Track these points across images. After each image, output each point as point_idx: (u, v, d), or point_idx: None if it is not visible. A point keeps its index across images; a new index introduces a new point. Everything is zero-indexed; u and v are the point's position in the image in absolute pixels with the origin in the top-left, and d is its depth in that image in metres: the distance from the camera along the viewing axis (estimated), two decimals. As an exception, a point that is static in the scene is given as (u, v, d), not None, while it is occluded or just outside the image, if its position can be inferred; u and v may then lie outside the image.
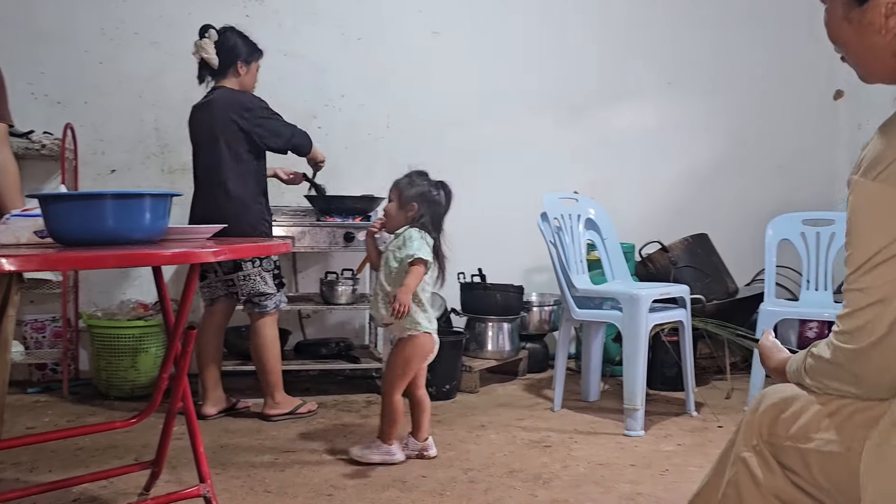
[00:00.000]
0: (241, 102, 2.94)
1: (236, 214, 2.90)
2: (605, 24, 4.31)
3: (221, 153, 2.92)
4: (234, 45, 2.98)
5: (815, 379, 1.09)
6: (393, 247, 2.55)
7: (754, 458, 1.12)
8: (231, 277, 2.96)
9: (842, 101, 4.74)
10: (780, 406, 1.12)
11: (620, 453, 2.61)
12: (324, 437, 2.78)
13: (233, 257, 1.59)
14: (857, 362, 1.02)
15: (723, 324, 3.62)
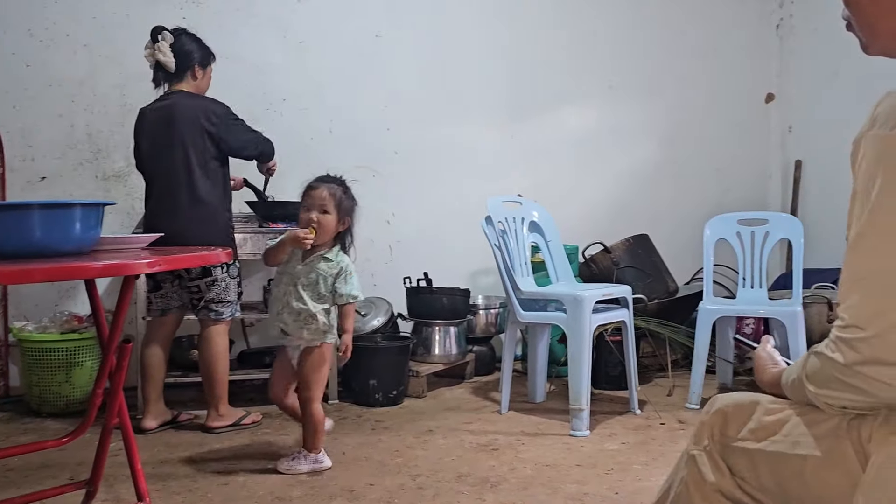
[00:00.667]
0: (209, 108, 2.89)
1: (208, 221, 2.87)
2: (547, 28, 4.36)
3: (189, 159, 2.85)
4: (191, 49, 2.93)
5: (820, 386, 1.00)
6: (325, 270, 2.48)
7: (704, 458, 1.14)
8: (198, 283, 2.90)
9: (773, 104, 4.90)
10: (733, 408, 1.14)
11: (567, 454, 2.64)
12: (269, 447, 2.73)
13: (167, 268, 1.54)
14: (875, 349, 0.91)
15: (664, 322, 3.71)
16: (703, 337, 3.28)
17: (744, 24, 4.83)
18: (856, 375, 0.92)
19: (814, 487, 1.01)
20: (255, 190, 3.38)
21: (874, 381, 0.91)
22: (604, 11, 4.49)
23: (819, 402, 1.01)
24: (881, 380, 0.91)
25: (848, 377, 0.93)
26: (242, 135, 2.95)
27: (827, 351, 0.97)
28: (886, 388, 0.91)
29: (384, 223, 4.08)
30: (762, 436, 1.08)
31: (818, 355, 0.99)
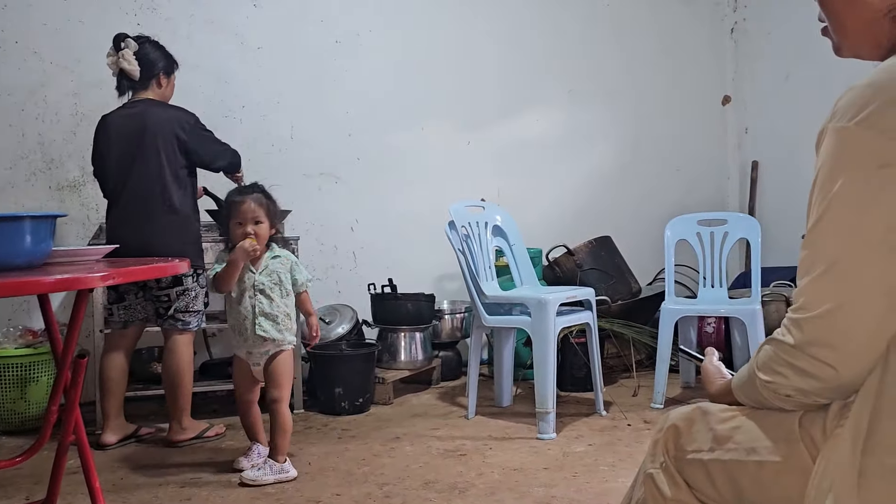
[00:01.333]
0: (181, 118, 2.86)
1: (180, 231, 2.84)
2: (507, 34, 4.39)
3: (163, 167, 2.81)
4: (155, 57, 2.90)
5: (769, 373, 0.99)
6: (280, 266, 2.56)
7: (661, 475, 1.13)
8: (168, 292, 2.85)
9: (729, 107, 5.00)
10: (685, 422, 1.13)
11: (534, 457, 2.65)
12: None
13: (122, 281, 1.50)
14: (821, 332, 0.92)
15: (628, 323, 3.75)
16: (665, 337, 3.32)
17: (699, 28, 4.92)
18: (803, 357, 0.93)
19: (772, 492, 1.01)
20: (215, 199, 3.33)
21: (820, 364, 0.92)
22: (563, 17, 4.53)
23: (768, 391, 1.00)
24: (827, 362, 0.92)
25: (796, 359, 0.94)
26: (213, 146, 2.93)
27: (778, 335, 0.98)
28: (832, 373, 0.92)
29: (348, 230, 4.05)
30: (716, 445, 1.08)
31: (770, 341, 1.00)
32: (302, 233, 3.74)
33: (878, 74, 0.91)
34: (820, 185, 0.93)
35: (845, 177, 0.89)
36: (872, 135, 0.87)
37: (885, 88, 0.88)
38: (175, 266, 1.74)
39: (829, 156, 0.91)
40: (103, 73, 3.00)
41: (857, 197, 0.89)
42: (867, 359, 0.90)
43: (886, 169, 0.86)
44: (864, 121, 0.87)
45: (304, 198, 3.91)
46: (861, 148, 0.88)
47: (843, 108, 0.91)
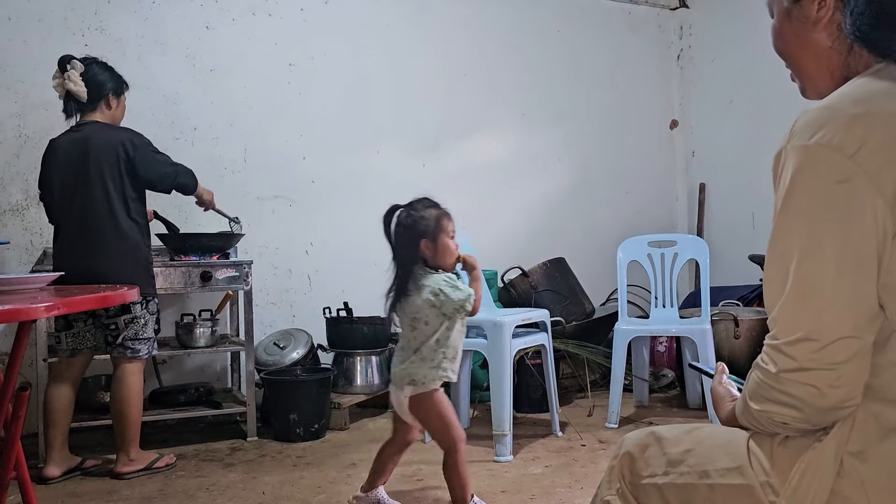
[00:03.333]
0: (126, 139, 2.79)
1: (130, 257, 2.77)
2: (461, 57, 4.43)
3: (109, 192, 2.75)
4: (103, 79, 2.83)
5: (759, 402, 0.98)
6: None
7: (618, 502, 1.14)
8: (115, 320, 2.78)
9: (677, 131, 5.13)
10: (639, 447, 1.15)
11: (491, 480, 2.64)
12: (184, 491, 2.61)
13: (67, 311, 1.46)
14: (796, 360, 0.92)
15: (582, 343, 3.79)
16: (619, 357, 3.36)
17: (647, 55, 5.05)
18: (787, 382, 0.93)
19: None
20: (165, 223, 3.28)
21: (804, 387, 0.91)
22: (515, 42, 4.60)
23: (765, 419, 0.99)
24: (811, 384, 0.91)
25: (781, 384, 0.94)
26: (161, 167, 2.86)
27: (761, 362, 0.98)
28: (817, 395, 0.91)
29: (302, 253, 4.01)
30: (670, 469, 1.09)
31: (755, 367, 0.99)
32: (255, 256, 3.69)
33: (831, 98, 0.94)
34: (781, 203, 0.94)
35: (805, 193, 0.91)
36: (830, 152, 0.89)
37: (839, 110, 0.91)
38: (123, 294, 1.70)
39: (789, 174, 0.93)
40: (48, 95, 2.93)
41: (817, 212, 0.90)
42: (848, 376, 0.90)
43: (844, 184, 0.88)
44: (822, 139, 0.90)
45: (257, 221, 3.87)
46: (820, 165, 0.90)
47: (801, 129, 0.93)
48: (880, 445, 0.88)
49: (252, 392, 3.27)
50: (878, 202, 0.86)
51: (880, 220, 0.87)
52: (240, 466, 2.88)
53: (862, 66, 1.00)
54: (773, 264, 0.95)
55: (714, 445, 1.07)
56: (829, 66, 1.04)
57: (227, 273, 3.24)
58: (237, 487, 2.63)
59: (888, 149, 0.87)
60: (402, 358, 2.22)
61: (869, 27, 0.96)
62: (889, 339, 0.89)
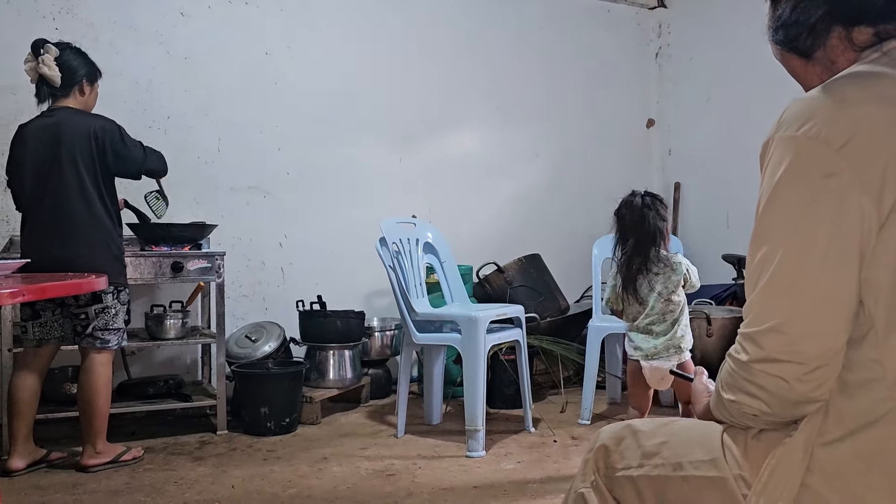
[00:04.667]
0: (98, 125, 2.73)
1: (102, 245, 2.72)
2: (440, 52, 4.41)
3: (83, 179, 2.68)
4: (77, 64, 2.77)
5: (730, 391, 0.98)
6: None
7: (592, 494, 1.15)
8: (86, 310, 2.72)
9: (653, 129, 5.16)
10: (614, 440, 1.15)
11: (463, 476, 2.64)
12: (152, 484, 2.57)
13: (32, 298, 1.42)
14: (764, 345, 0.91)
15: (556, 340, 3.80)
16: (592, 354, 3.38)
17: (625, 53, 5.07)
18: (757, 373, 0.92)
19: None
20: (136, 212, 3.22)
21: (773, 378, 0.91)
22: (494, 38, 4.59)
23: (735, 410, 0.98)
24: (780, 375, 0.90)
25: (752, 375, 0.93)
26: (132, 152, 2.81)
27: (733, 351, 0.98)
28: (784, 386, 0.91)
29: (276, 245, 3.97)
30: (644, 461, 1.10)
31: (728, 356, 0.99)
32: (228, 248, 3.65)
33: (820, 90, 0.94)
34: (766, 194, 0.94)
35: (791, 185, 0.91)
36: (818, 144, 0.89)
37: (827, 102, 0.91)
38: (92, 283, 1.66)
39: (775, 164, 0.93)
40: (17, 78, 2.87)
41: (802, 205, 0.90)
42: (818, 371, 0.89)
43: (831, 179, 0.87)
44: (810, 131, 0.90)
45: (231, 212, 3.82)
46: (807, 157, 0.90)
47: (789, 119, 0.93)
48: (850, 441, 0.88)
49: (223, 385, 3.23)
50: (864, 198, 0.86)
51: (865, 216, 0.86)
52: (209, 460, 2.85)
53: (846, 61, 1.00)
54: (755, 254, 0.95)
55: (689, 438, 1.08)
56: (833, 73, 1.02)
57: (199, 264, 3.20)
58: (206, 481, 2.60)
59: (875, 143, 0.87)
60: (662, 331, 2.49)
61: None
62: (866, 336, 0.89)
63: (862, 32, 0.98)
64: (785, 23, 1.04)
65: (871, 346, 0.88)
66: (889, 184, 0.86)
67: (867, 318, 0.88)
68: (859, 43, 0.98)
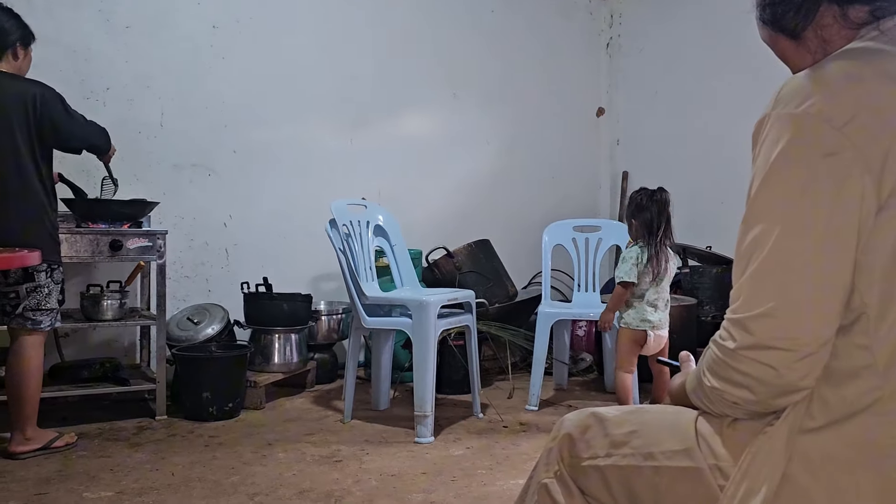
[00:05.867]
0: (38, 93, 2.58)
1: (36, 220, 2.57)
2: (392, 30, 4.33)
3: (18, 148, 2.53)
4: (10, 26, 2.60)
5: (713, 379, 0.95)
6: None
7: (555, 484, 1.11)
8: (16, 288, 2.57)
9: (603, 118, 5.20)
10: (579, 428, 1.12)
11: (412, 462, 2.61)
12: (86, 471, 2.46)
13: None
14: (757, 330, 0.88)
15: (504, 326, 3.79)
16: (542, 339, 3.38)
17: (577, 41, 5.08)
18: (744, 360, 0.89)
19: (667, 499, 1.01)
20: (72, 186, 3.07)
21: (761, 366, 0.88)
22: (448, 20, 4.54)
23: (714, 398, 0.96)
24: (768, 363, 0.88)
25: (738, 362, 0.90)
26: (74, 125, 2.67)
27: (719, 338, 0.94)
28: (774, 375, 0.88)
29: (220, 225, 3.85)
30: (613, 450, 1.06)
31: (712, 342, 0.96)
32: (170, 227, 3.51)
33: (820, 67, 0.91)
34: (760, 172, 0.90)
35: (789, 164, 0.87)
36: (819, 122, 0.85)
37: (828, 79, 0.88)
38: (23, 257, 1.56)
39: (772, 142, 0.89)
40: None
41: (801, 184, 0.86)
42: (808, 359, 0.87)
43: (831, 158, 0.84)
44: (811, 108, 0.86)
45: (173, 190, 3.68)
46: (807, 135, 0.86)
47: (787, 96, 0.90)
48: (835, 430, 0.86)
49: (163, 368, 3.12)
50: (866, 178, 0.84)
51: (865, 198, 0.84)
52: (147, 446, 2.75)
53: (842, 40, 0.97)
54: (747, 235, 0.91)
55: (660, 427, 1.05)
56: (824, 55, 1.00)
57: (139, 243, 3.07)
58: (144, 468, 2.50)
59: (879, 122, 0.84)
60: (661, 307, 2.92)
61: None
62: (856, 322, 0.86)
63: (858, 10, 0.96)
64: (773, 0, 1.01)
65: (861, 332, 0.86)
66: (890, 165, 0.83)
67: (860, 303, 0.86)
68: (856, 20, 0.96)
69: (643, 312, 2.91)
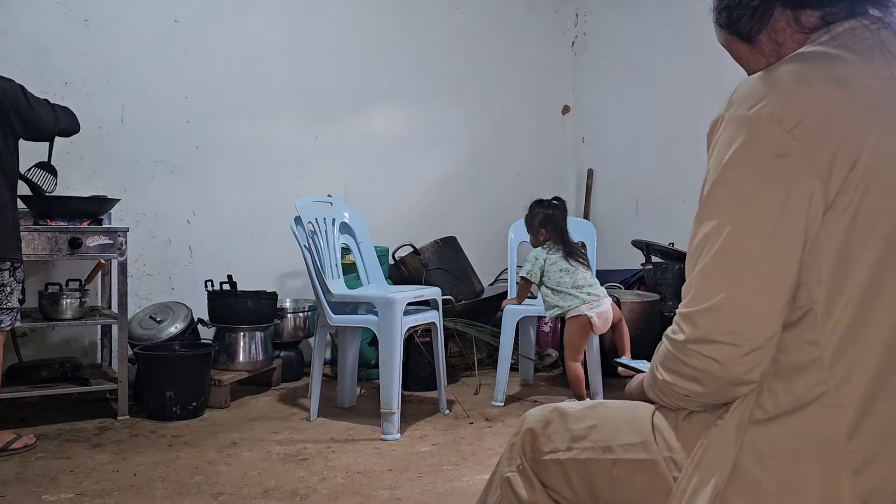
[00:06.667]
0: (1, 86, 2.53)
1: (2, 217, 2.52)
2: (359, 26, 4.32)
3: None
4: None
5: (666, 372, 0.97)
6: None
7: (518, 478, 1.12)
8: None
9: (568, 116, 5.24)
10: (541, 423, 1.13)
11: (378, 459, 2.61)
12: (45, 473, 2.42)
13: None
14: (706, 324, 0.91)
15: (471, 322, 3.81)
16: (507, 336, 3.41)
17: (544, 40, 5.12)
18: (692, 354, 0.92)
19: (626, 491, 1.03)
20: (29, 183, 3.00)
21: (707, 360, 0.90)
22: (414, 17, 4.53)
23: (667, 392, 0.98)
24: (714, 357, 0.90)
25: (687, 356, 0.93)
26: (41, 111, 2.64)
27: (670, 332, 0.96)
28: (719, 368, 0.90)
29: (183, 222, 3.80)
30: (573, 444, 1.08)
31: (665, 336, 0.98)
32: (132, 224, 3.45)
33: (768, 73, 0.93)
34: (714, 171, 0.92)
35: (741, 164, 0.89)
36: (770, 124, 0.88)
37: (780, 81, 0.91)
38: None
39: (725, 143, 0.91)
40: None
41: (752, 184, 0.88)
42: (753, 353, 0.89)
43: (780, 159, 0.87)
44: (763, 110, 0.89)
45: (135, 186, 3.62)
46: (759, 136, 0.88)
47: (741, 98, 0.92)
48: (783, 421, 0.89)
49: (124, 368, 3.07)
50: (814, 180, 0.86)
51: (813, 199, 0.86)
52: (109, 447, 2.71)
53: (794, 44, 1.00)
54: (699, 231, 0.93)
55: (619, 421, 1.07)
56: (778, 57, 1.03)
57: (99, 241, 3.02)
58: (106, 469, 2.47)
59: (827, 125, 0.87)
60: (585, 284, 3.17)
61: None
62: (804, 318, 0.89)
63: (809, 15, 0.98)
64: (728, 4, 1.03)
65: (808, 328, 0.88)
66: (838, 167, 0.86)
67: (807, 300, 0.88)
68: (808, 25, 0.98)
69: (570, 299, 3.13)
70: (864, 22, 0.95)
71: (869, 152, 0.86)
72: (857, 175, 0.85)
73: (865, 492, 0.84)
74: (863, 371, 0.86)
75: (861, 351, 0.86)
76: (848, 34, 0.94)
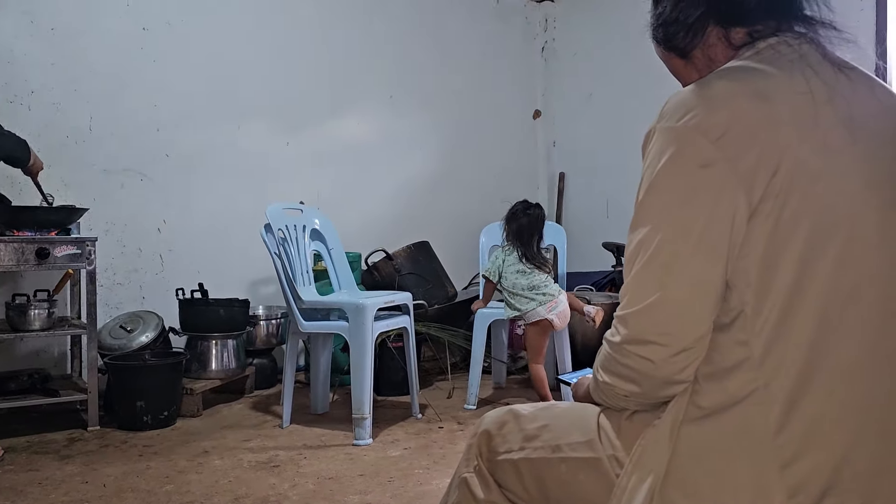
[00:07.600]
0: None
1: None
2: (328, 32, 4.33)
3: None
4: None
5: (605, 373, 1.02)
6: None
7: (475, 478, 1.16)
8: None
9: (539, 121, 5.29)
10: (497, 424, 1.17)
11: (349, 465, 2.62)
12: (12, 486, 2.40)
13: None
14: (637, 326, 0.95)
15: (444, 327, 3.84)
16: (479, 340, 3.43)
17: (514, 45, 5.17)
18: (627, 353, 0.96)
19: (572, 489, 1.07)
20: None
21: (640, 359, 0.95)
22: (384, 22, 4.56)
23: (608, 393, 1.02)
24: (646, 356, 0.94)
25: (623, 356, 0.97)
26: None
27: (608, 334, 1.01)
28: (651, 367, 0.95)
29: (154, 231, 3.78)
30: (525, 444, 1.12)
31: (604, 339, 1.02)
32: (101, 233, 3.44)
33: (697, 86, 0.97)
34: (646, 181, 0.97)
35: (671, 174, 0.94)
36: (696, 136, 0.92)
37: (704, 97, 0.95)
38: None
39: (656, 154, 0.96)
40: None
41: (680, 193, 0.93)
42: (683, 353, 0.93)
43: (706, 169, 0.91)
44: (690, 122, 0.93)
45: (104, 195, 3.60)
46: (685, 147, 0.93)
47: (670, 111, 0.96)
48: (716, 419, 0.92)
49: (94, 378, 3.05)
50: (738, 189, 0.90)
51: (738, 208, 0.90)
52: (78, 458, 2.69)
53: (724, 59, 1.04)
54: (634, 238, 0.98)
55: (568, 421, 1.11)
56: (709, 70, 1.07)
57: (67, 250, 3.00)
58: (74, 480, 2.45)
59: (749, 136, 0.90)
60: (541, 286, 3.25)
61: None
62: (736, 319, 0.92)
63: (738, 32, 1.03)
64: (665, 21, 1.08)
65: (739, 329, 0.92)
66: (760, 176, 0.89)
67: (738, 302, 0.92)
68: (736, 42, 1.03)
69: (525, 302, 3.23)
70: (786, 38, 1.00)
71: (788, 161, 0.90)
72: (778, 183, 0.89)
73: (794, 485, 0.87)
74: (790, 368, 0.89)
75: (788, 349, 0.89)
76: (771, 50, 0.99)
